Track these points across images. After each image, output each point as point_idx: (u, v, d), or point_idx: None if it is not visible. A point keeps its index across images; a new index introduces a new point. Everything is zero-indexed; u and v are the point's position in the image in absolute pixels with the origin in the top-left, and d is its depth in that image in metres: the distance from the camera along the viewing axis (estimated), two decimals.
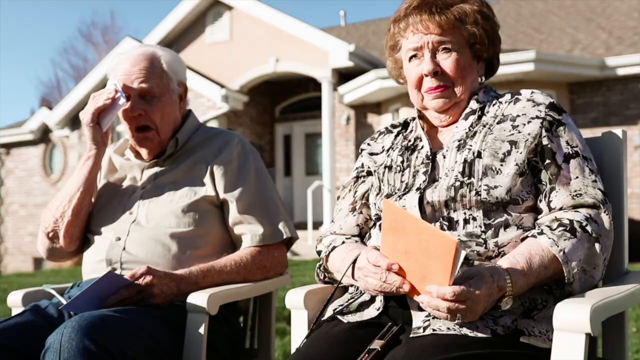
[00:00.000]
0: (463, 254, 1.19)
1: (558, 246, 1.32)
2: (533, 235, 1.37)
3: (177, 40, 13.59)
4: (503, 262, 1.32)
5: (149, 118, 1.93)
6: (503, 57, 10.09)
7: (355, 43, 12.89)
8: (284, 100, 14.29)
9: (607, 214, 1.39)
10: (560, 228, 1.35)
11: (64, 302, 1.82)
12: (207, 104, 12.62)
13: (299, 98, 14.09)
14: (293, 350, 1.49)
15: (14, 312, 1.97)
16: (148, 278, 1.70)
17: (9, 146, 16.35)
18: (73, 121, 14.57)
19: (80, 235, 1.99)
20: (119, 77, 1.92)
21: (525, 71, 10.13)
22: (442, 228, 1.43)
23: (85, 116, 1.93)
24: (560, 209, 1.40)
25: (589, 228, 1.34)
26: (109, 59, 14.02)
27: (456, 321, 1.25)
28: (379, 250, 1.39)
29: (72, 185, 1.96)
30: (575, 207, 1.39)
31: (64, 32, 67.04)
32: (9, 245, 16.25)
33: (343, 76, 12.09)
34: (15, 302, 1.96)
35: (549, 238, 1.33)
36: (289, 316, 4.31)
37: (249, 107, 13.41)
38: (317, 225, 11.64)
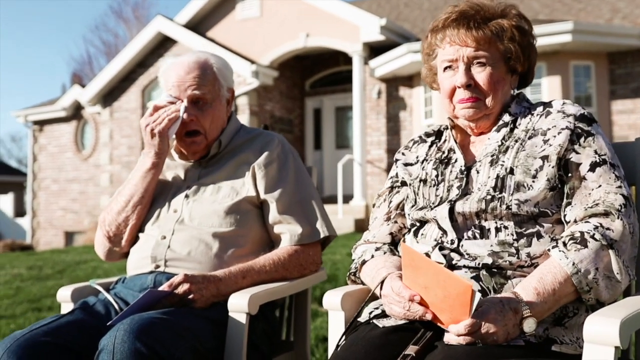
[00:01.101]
0: (478, 296, 1.26)
1: (567, 258, 1.36)
2: (548, 250, 1.42)
3: (208, 16, 13.62)
4: (516, 287, 1.38)
5: (200, 123, 2.01)
6: (539, 29, 9.94)
7: (387, 16, 12.79)
8: (314, 74, 14.27)
9: (621, 219, 1.41)
10: (572, 241, 1.39)
11: (110, 298, 1.91)
12: (237, 79, 12.68)
13: (329, 72, 14.05)
14: (331, 351, 1.57)
15: (64, 306, 2.07)
16: (185, 286, 1.78)
17: (42, 123, 16.68)
18: (105, 98, 14.79)
19: (137, 238, 2.07)
20: (172, 83, 1.99)
21: (563, 42, 9.97)
22: (474, 237, 1.48)
23: (158, 127, 1.97)
24: (574, 221, 1.44)
25: (597, 236, 1.38)
26: (140, 36, 14.12)
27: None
28: (399, 272, 1.46)
29: (136, 193, 2.03)
30: (587, 218, 1.43)
31: (95, 9, 67.42)
32: (42, 220, 16.67)
33: (374, 50, 12.02)
34: (65, 297, 2.06)
35: (560, 251, 1.38)
36: (320, 297, 4.41)
37: (279, 81, 13.44)
38: (347, 199, 11.70)
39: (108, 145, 14.88)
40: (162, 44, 13.96)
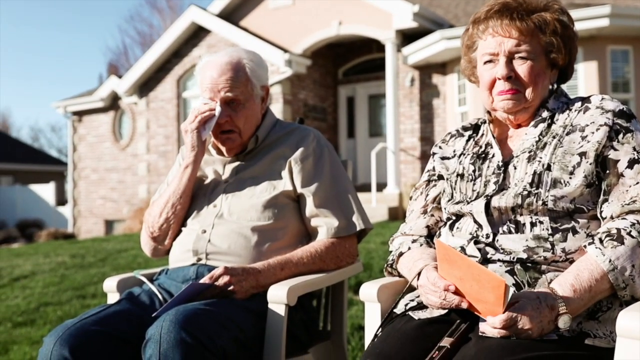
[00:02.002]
0: (512, 290, 1.30)
1: (604, 255, 1.38)
2: (584, 246, 1.43)
3: (241, 5, 13.69)
4: (553, 282, 1.40)
5: (234, 123, 2.06)
6: (576, 13, 9.68)
7: (419, 2, 12.66)
8: (347, 62, 14.25)
9: None
10: (608, 238, 1.40)
11: (154, 289, 1.99)
12: (270, 68, 12.70)
13: (362, 60, 14.01)
14: (367, 343, 1.62)
15: (110, 296, 2.16)
16: (225, 278, 1.85)
17: (81, 113, 16.99)
18: (141, 89, 15.02)
19: (179, 232, 2.14)
20: (206, 85, 2.05)
21: (600, 27, 9.77)
22: (509, 231, 1.51)
23: (189, 125, 2.06)
24: (611, 218, 1.46)
25: (634, 233, 1.39)
26: (174, 26, 14.26)
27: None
28: (435, 263, 1.50)
29: (174, 194, 2.10)
30: (624, 214, 1.44)
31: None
32: (82, 209, 17.04)
33: (407, 37, 11.94)
34: (111, 287, 2.14)
35: (596, 248, 1.40)
36: (355, 285, 4.47)
37: (312, 70, 13.46)
38: (380, 187, 11.70)
39: (145, 135, 15.12)
40: (196, 34, 14.10)
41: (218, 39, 13.62)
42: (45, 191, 23.21)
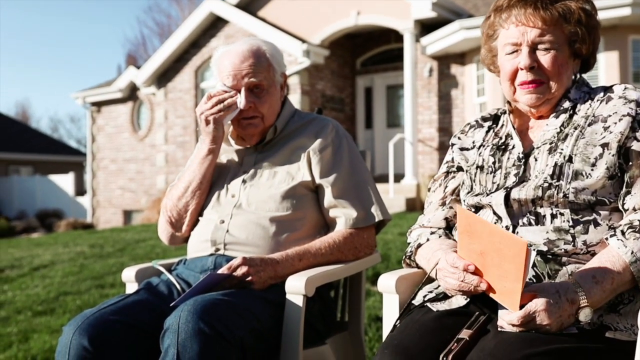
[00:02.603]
0: (533, 254, 1.26)
1: (626, 247, 1.36)
2: (606, 238, 1.41)
3: None
4: (574, 275, 1.37)
5: (258, 110, 2.06)
6: (597, 2, 9.56)
7: None
8: (365, 53, 14.18)
9: None
10: (630, 230, 1.38)
11: (173, 279, 2.00)
12: (288, 59, 12.71)
13: (380, 50, 13.93)
14: (385, 334, 1.61)
15: (128, 286, 2.17)
16: (244, 269, 1.85)
17: (99, 104, 17.13)
18: (159, 79, 15.07)
19: (197, 221, 2.14)
20: (228, 72, 2.04)
21: (622, 16, 9.62)
22: (529, 223, 1.49)
23: (213, 115, 2.04)
24: (633, 209, 1.43)
25: None
26: (192, 17, 14.28)
27: None
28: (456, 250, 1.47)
29: (195, 179, 2.10)
30: None
31: None
32: (101, 199, 17.20)
33: (425, 27, 11.85)
34: (129, 277, 2.15)
35: (618, 240, 1.38)
36: (372, 276, 4.46)
37: (330, 60, 13.42)
38: (398, 178, 11.67)
39: (163, 126, 15.19)
40: (214, 24, 14.11)
41: (236, 30, 13.62)
42: (65, 181, 23.44)
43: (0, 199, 24.91)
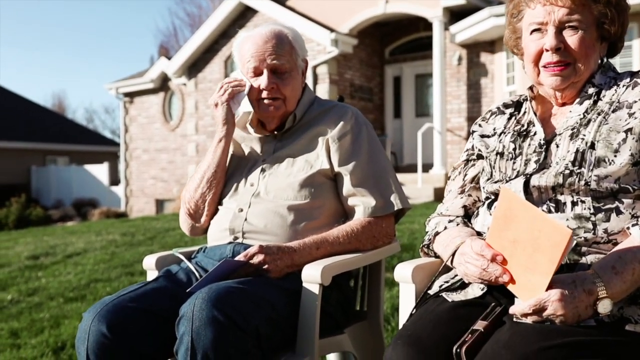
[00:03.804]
0: (573, 243, 1.22)
1: None
2: (627, 227, 1.37)
3: None
4: (594, 265, 1.33)
5: (280, 91, 2.05)
6: None
7: None
8: (394, 42, 14.07)
9: None
10: None
11: (192, 267, 2.01)
12: (317, 48, 12.69)
13: (409, 38, 13.81)
14: (402, 323, 1.60)
15: (149, 274, 2.19)
16: (260, 257, 1.84)
17: (132, 95, 17.32)
18: (189, 70, 15.18)
19: (216, 210, 2.14)
20: (251, 54, 2.04)
21: None
22: (549, 210, 1.45)
23: (218, 98, 2.07)
24: None
25: None
26: (222, 7, 14.33)
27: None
28: (483, 238, 1.43)
29: (209, 168, 2.11)
30: None
31: None
32: (134, 188, 17.43)
33: (454, 15, 11.71)
34: (150, 265, 2.17)
35: None
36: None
37: (358, 49, 13.34)
38: (426, 167, 11.58)
39: (194, 116, 15.30)
40: (243, 14, 14.13)
41: (265, 19, 13.62)
42: (100, 171, 23.80)
43: (38, 188, 25.43)
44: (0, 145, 25.80)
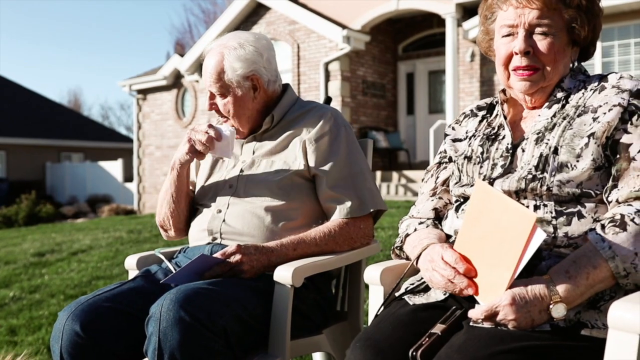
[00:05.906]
0: (542, 235, 1.22)
1: (604, 242, 1.30)
2: (586, 232, 1.36)
3: None
4: (550, 269, 1.33)
5: (222, 113, 2.15)
6: None
7: None
8: (407, 38, 14.01)
9: None
10: (611, 224, 1.32)
11: (171, 267, 2.02)
12: (329, 45, 12.69)
13: (422, 35, 13.74)
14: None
15: (130, 273, 2.21)
16: (237, 256, 1.85)
17: (145, 92, 17.42)
18: (202, 67, 15.20)
19: (188, 223, 2.19)
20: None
21: None
22: None
23: (198, 135, 2.08)
24: (617, 202, 1.38)
25: (637, 220, 1.31)
26: (234, 4, 14.36)
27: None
28: (451, 243, 1.43)
29: (167, 192, 2.16)
30: (630, 200, 1.36)
31: None
32: (147, 185, 17.54)
33: (467, 11, 11.62)
34: (131, 265, 2.19)
35: (597, 234, 1.32)
36: None
37: (371, 46, 13.31)
38: None
39: (206, 113, 15.35)
40: (256, 11, 14.14)
41: (277, 16, 13.63)
42: (114, 168, 23.99)
43: (52, 185, 25.72)
44: (15, 142, 26.14)
